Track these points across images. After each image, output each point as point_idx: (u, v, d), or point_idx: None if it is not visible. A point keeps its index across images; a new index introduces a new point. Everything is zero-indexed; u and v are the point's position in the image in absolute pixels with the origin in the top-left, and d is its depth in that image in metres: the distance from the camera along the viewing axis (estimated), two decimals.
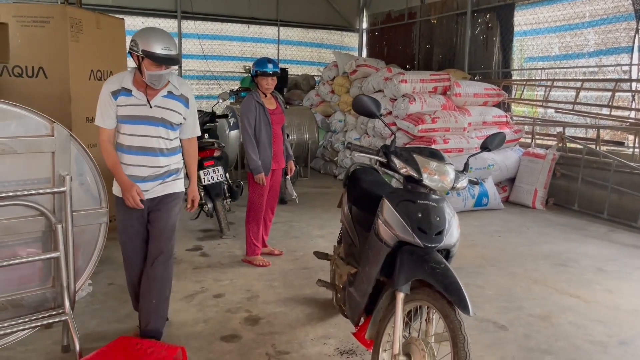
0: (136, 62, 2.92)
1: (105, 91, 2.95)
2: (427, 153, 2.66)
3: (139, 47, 2.85)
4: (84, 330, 3.34)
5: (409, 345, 2.41)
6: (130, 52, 2.93)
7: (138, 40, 2.87)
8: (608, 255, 5.27)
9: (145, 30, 2.95)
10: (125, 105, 2.95)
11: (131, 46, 2.90)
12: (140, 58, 2.86)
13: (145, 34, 2.89)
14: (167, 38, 2.90)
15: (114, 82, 2.98)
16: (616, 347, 3.35)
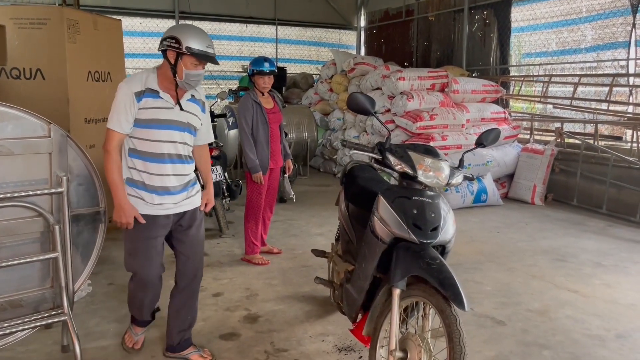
0: (171, 61, 2.65)
1: (126, 91, 2.66)
2: (422, 150, 2.67)
3: (181, 44, 2.60)
4: (84, 330, 3.35)
5: (406, 340, 2.43)
6: (164, 49, 2.67)
7: (179, 36, 2.62)
8: (606, 250, 5.28)
9: (184, 27, 2.71)
10: (151, 107, 2.69)
11: (169, 43, 2.64)
12: (178, 56, 2.63)
13: (187, 30, 2.67)
14: (207, 35, 2.71)
15: (136, 82, 2.70)
16: (614, 341, 3.36)
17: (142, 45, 10.77)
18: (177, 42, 2.62)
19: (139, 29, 10.75)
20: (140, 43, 10.75)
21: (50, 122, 2.88)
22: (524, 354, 3.18)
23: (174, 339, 3.03)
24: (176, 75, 2.68)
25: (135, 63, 10.66)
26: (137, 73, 2.80)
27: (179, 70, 2.66)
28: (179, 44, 2.62)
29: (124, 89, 2.68)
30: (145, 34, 10.78)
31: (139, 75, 2.76)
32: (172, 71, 2.67)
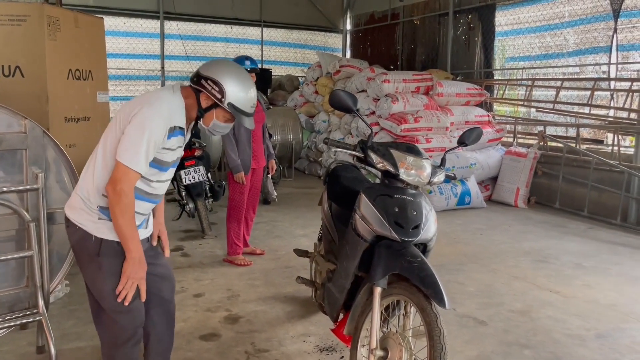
0: (202, 104, 2.25)
1: (160, 124, 2.13)
2: (404, 148, 2.66)
3: (224, 97, 2.21)
4: (60, 331, 3.28)
5: (387, 339, 2.41)
6: (200, 89, 2.24)
7: (225, 85, 2.20)
8: (587, 252, 5.33)
9: (233, 73, 2.26)
10: (175, 148, 2.26)
11: (209, 87, 2.21)
12: (214, 104, 2.25)
13: (235, 80, 2.24)
14: (254, 90, 2.35)
15: (168, 114, 2.16)
16: (594, 340, 3.38)
17: (126, 46, 10.68)
18: (220, 92, 2.21)
19: (122, 28, 10.65)
20: (124, 43, 10.65)
21: (26, 117, 2.82)
22: (505, 354, 3.18)
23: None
24: (201, 120, 2.30)
25: (118, 63, 10.57)
26: (167, 100, 2.20)
27: (207, 118, 2.29)
28: (221, 95, 2.21)
29: (159, 121, 2.13)
30: (129, 34, 10.69)
31: (170, 104, 2.20)
32: (199, 114, 2.28)
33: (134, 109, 2.16)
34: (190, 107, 2.28)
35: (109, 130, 2.24)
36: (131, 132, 2.10)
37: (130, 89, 10.90)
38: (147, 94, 2.29)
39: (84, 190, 2.21)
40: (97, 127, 5.21)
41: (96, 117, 5.27)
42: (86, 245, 2.19)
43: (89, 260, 2.21)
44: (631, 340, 3.39)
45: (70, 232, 2.25)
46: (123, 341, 2.27)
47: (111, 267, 2.18)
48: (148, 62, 10.98)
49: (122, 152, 2.10)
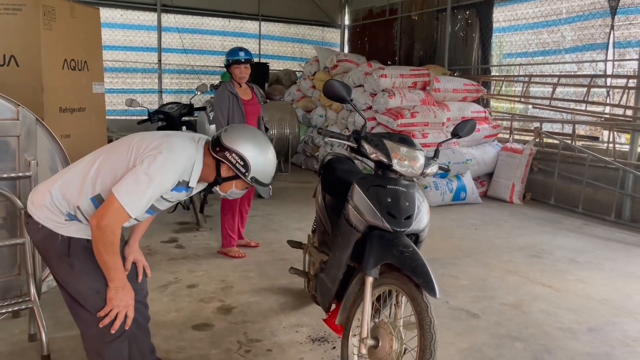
0: (222, 174, 2.20)
1: (172, 176, 2.07)
2: (397, 139, 2.66)
3: (248, 171, 2.16)
4: (53, 320, 3.28)
5: (378, 329, 2.42)
6: (223, 160, 2.17)
7: (251, 161, 2.16)
8: (581, 247, 5.34)
9: (259, 150, 2.21)
10: (174, 200, 2.24)
11: (234, 161, 2.14)
12: (233, 174, 2.20)
13: (261, 157, 2.20)
14: (275, 164, 2.34)
15: (182, 169, 2.11)
16: (585, 334, 3.39)
17: (123, 38, 10.64)
18: (245, 167, 2.16)
19: (119, 20, 10.61)
20: (121, 35, 10.61)
21: (19, 104, 2.81)
22: (497, 346, 3.19)
23: None
24: (218, 187, 2.25)
25: (115, 55, 10.53)
26: (186, 147, 2.14)
27: (225, 186, 2.24)
28: (246, 169, 2.16)
29: (172, 174, 2.07)
30: (126, 27, 10.65)
31: (187, 156, 2.12)
32: (217, 182, 2.22)
33: (153, 147, 2.07)
34: (208, 170, 2.20)
35: (115, 152, 2.14)
36: (140, 174, 2.01)
37: (127, 82, 10.87)
38: (171, 136, 2.18)
39: (62, 192, 2.09)
40: (92, 118, 5.20)
41: (91, 108, 5.25)
42: (52, 245, 2.10)
43: (59, 260, 2.12)
44: (622, 334, 3.41)
45: (32, 229, 2.13)
46: (112, 338, 2.18)
47: (84, 266, 2.11)
48: (145, 54, 10.93)
49: (123, 190, 1.98)
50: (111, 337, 2.17)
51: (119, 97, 10.33)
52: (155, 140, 2.12)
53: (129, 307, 2.14)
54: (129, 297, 2.14)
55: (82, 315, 2.18)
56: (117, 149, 2.16)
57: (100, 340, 2.18)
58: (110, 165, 2.10)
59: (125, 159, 2.09)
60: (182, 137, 2.20)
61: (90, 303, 2.13)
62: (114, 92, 10.55)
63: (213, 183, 2.24)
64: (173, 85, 11.43)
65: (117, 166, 2.09)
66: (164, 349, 2.97)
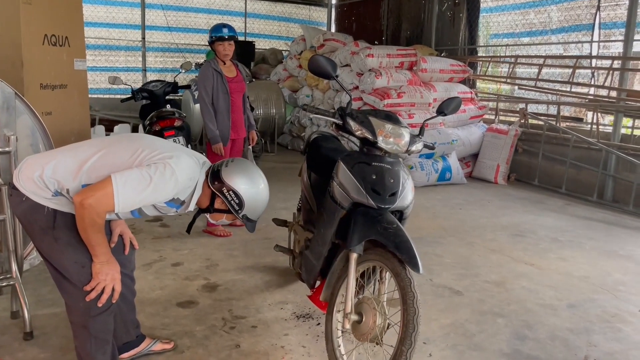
0: (215, 206, 2.26)
1: (170, 191, 2.09)
2: (382, 116, 2.66)
3: (242, 209, 2.24)
4: (36, 297, 3.26)
5: (361, 304, 2.43)
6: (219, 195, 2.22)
7: (246, 201, 2.22)
8: (564, 227, 5.42)
9: (256, 191, 2.27)
10: (160, 211, 2.25)
11: (229, 198, 2.20)
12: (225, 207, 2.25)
13: (257, 198, 2.27)
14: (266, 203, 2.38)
15: (182, 188, 2.15)
16: (565, 310, 3.46)
17: (105, 15, 10.41)
18: (239, 205, 2.22)
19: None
20: (103, 12, 10.37)
21: None
22: (479, 322, 3.23)
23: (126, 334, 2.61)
24: (208, 214, 2.31)
25: (97, 32, 10.32)
26: (193, 167, 2.18)
27: (216, 215, 2.31)
28: (240, 207, 2.23)
29: (171, 188, 2.08)
30: (109, 2, 10.40)
31: (190, 176, 2.16)
32: (208, 210, 2.28)
33: (163, 157, 2.08)
34: (204, 197, 2.25)
35: (120, 149, 2.12)
36: (145, 174, 2.01)
37: (110, 59, 10.67)
38: (180, 151, 2.18)
39: (54, 172, 2.06)
40: (74, 95, 5.10)
41: (73, 85, 5.15)
42: (36, 218, 2.08)
43: (42, 233, 2.10)
44: (601, 310, 3.48)
45: (15, 201, 2.10)
46: (99, 311, 2.18)
47: (69, 240, 2.10)
48: (128, 32, 10.71)
49: (122, 180, 1.98)
50: (98, 311, 2.17)
51: (102, 75, 10.15)
52: (166, 150, 2.13)
53: (116, 281, 2.14)
54: (114, 271, 2.14)
55: (68, 289, 2.17)
56: (122, 147, 2.15)
57: (87, 314, 2.17)
58: (112, 162, 2.08)
59: (129, 159, 2.09)
60: (190, 155, 2.22)
61: (76, 277, 2.13)
62: (97, 70, 10.36)
63: (204, 209, 2.29)
64: (157, 64, 11.24)
65: (119, 164, 2.07)
66: (148, 326, 2.97)
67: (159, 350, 2.72)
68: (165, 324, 3.04)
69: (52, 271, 2.20)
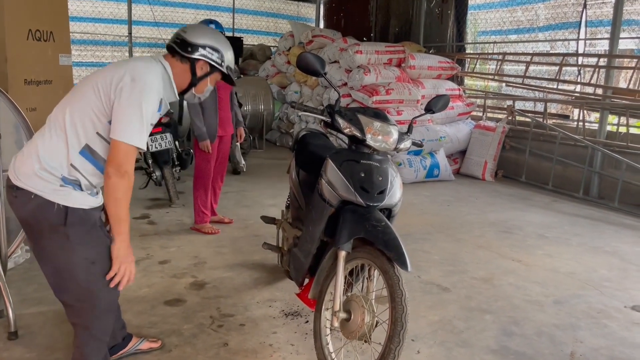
0: (198, 73, 2.23)
1: (154, 97, 2.05)
2: (371, 113, 2.65)
3: (224, 61, 2.27)
4: (21, 297, 3.22)
5: (350, 302, 2.43)
6: (199, 58, 2.22)
7: (222, 50, 2.27)
8: (550, 223, 5.46)
9: (219, 37, 2.30)
10: (154, 122, 2.16)
11: (209, 54, 2.22)
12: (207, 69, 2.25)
13: (225, 43, 2.31)
14: None
15: (158, 87, 2.09)
16: (552, 306, 3.49)
17: (91, 9, 10.28)
18: (220, 58, 2.25)
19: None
20: (89, 7, 10.25)
21: None
22: (467, 318, 3.25)
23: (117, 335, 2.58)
24: (193, 88, 2.25)
25: (83, 27, 10.20)
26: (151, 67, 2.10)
27: (201, 85, 2.26)
28: (221, 60, 2.25)
29: (153, 94, 2.04)
30: None
31: (155, 73, 2.10)
32: (192, 83, 2.23)
33: (120, 79, 2.00)
34: (182, 77, 2.22)
35: (81, 97, 2.02)
36: (126, 107, 1.97)
37: (96, 55, 10.54)
38: (130, 62, 2.10)
39: (49, 156, 1.99)
40: (59, 91, 5.04)
41: (58, 81, 5.10)
42: (46, 216, 1.98)
43: (51, 231, 2.01)
44: (587, 306, 3.51)
45: (21, 202, 2.00)
46: (102, 311, 2.15)
47: (80, 236, 2.03)
48: (115, 27, 10.60)
49: (122, 130, 1.95)
50: (101, 311, 2.14)
51: (88, 71, 10.02)
52: (119, 70, 2.04)
53: (132, 264, 2.12)
54: (131, 255, 2.12)
55: (72, 289, 2.09)
56: (81, 95, 2.04)
57: (90, 314, 2.13)
58: (83, 111, 2.01)
59: (95, 99, 2.00)
60: (141, 60, 2.15)
61: (83, 275, 2.05)
62: (83, 66, 10.24)
63: (187, 89, 2.25)
64: None
65: (90, 109, 2.00)
66: (135, 324, 2.95)
67: (145, 349, 2.70)
68: (152, 323, 3.02)
69: (51, 273, 2.12)
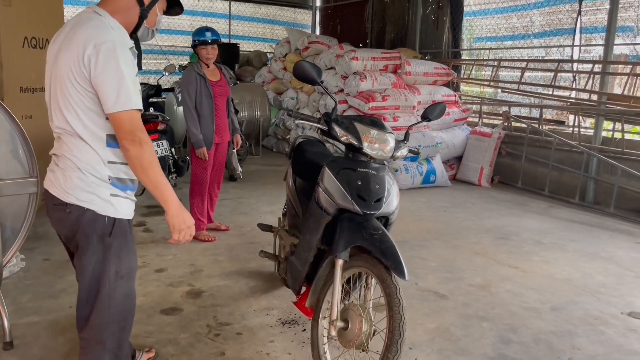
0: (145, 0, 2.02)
1: (125, 51, 1.87)
2: (367, 122, 2.66)
3: None
4: (15, 306, 3.19)
5: (347, 311, 2.42)
6: None
7: None
8: (547, 229, 5.47)
9: None
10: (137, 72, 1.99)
11: None
12: None
13: None
14: None
15: (120, 38, 1.88)
16: (549, 313, 3.48)
17: None
18: None
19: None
20: None
21: None
22: (464, 326, 3.25)
23: None
24: (145, 22, 2.03)
25: None
26: (101, 24, 1.88)
27: (152, 16, 2.05)
28: None
29: (123, 49, 1.86)
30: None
31: (107, 27, 1.88)
32: (142, 14, 2.01)
33: (82, 53, 1.82)
34: (127, 13, 1.99)
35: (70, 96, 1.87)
36: (106, 75, 1.81)
37: None
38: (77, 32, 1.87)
39: (87, 163, 1.91)
40: None
41: None
42: (96, 227, 1.96)
43: (98, 243, 1.98)
44: (584, 313, 3.51)
45: (73, 216, 1.95)
46: (120, 327, 2.11)
47: (119, 248, 2.01)
48: None
49: (114, 101, 1.81)
50: (118, 326, 2.09)
51: None
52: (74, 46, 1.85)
53: (192, 228, 2.02)
54: (189, 218, 2.00)
55: (97, 302, 2.04)
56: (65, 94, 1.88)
57: (107, 329, 2.07)
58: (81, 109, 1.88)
59: (81, 90, 1.86)
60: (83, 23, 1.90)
61: (108, 288, 2.01)
62: None
63: (137, 26, 2.03)
64: None
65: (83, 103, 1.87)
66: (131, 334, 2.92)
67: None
68: (149, 332, 3.00)
69: (85, 286, 2.04)
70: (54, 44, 1.97)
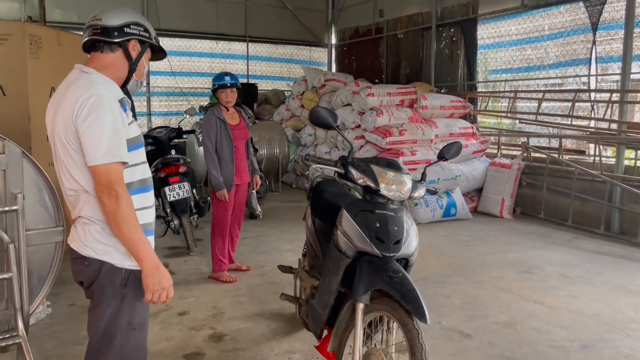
0: (132, 54, 2.06)
1: (113, 102, 1.92)
2: (384, 163, 2.68)
3: (150, 33, 2.11)
4: (41, 353, 3.24)
5: (370, 356, 2.41)
6: (130, 38, 2.04)
7: (143, 22, 2.10)
8: (572, 262, 5.37)
9: (136, 13, 2.14)
10: (131, 119, 2.04)
11: (136, 31, 2.06)
12: (139, 48, 2.08)
13: (141, 17, 2.14)
14: None
15: (109, 85, 1.98)
16: (577, 352, 3.39)
17: None
18: (147, 31, 2.09)
19: None
20: None
21: (4, 138, 2.80)
22: None
23: None
24: (134, 75, 2.10)
25: None
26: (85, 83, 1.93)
27: (140, 68, 2.11)
28: (148, 32, 2.09)
29: (106, 100, 1.89)
30: None
31: (91, 82, 1.93)
32: (131, 68, 2.08)
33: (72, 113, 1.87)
34: (117, 68, 2.05)
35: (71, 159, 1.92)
36: (88, 129, 1.84)
37: None
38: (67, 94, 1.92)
39: (93, 217, 1.97)
40: None
41: None
42: (112, 279, 1.99)
43: (113, 294, 2.01)
44: (615, 351, 3.41)
45: (91, 269, 2.01)
46: None
47: (133, 298, 2.02)
48: None
49: (93, 154, 1.84)
50: None
51: None
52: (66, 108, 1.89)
53: (170, 289, 1.97)
54: (165, 279, 1.94)
55: (109, 353, 2.05)
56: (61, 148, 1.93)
57: None
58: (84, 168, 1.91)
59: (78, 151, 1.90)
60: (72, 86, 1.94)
61: (120, 339, 2.03)
62: None
63: (127, 78, 2.09)
64: (162, 108, 11.44)
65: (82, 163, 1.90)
66: None
67: None
68: None
69: (96, 337, 2.06)
70: (50, 109, 2.03)
